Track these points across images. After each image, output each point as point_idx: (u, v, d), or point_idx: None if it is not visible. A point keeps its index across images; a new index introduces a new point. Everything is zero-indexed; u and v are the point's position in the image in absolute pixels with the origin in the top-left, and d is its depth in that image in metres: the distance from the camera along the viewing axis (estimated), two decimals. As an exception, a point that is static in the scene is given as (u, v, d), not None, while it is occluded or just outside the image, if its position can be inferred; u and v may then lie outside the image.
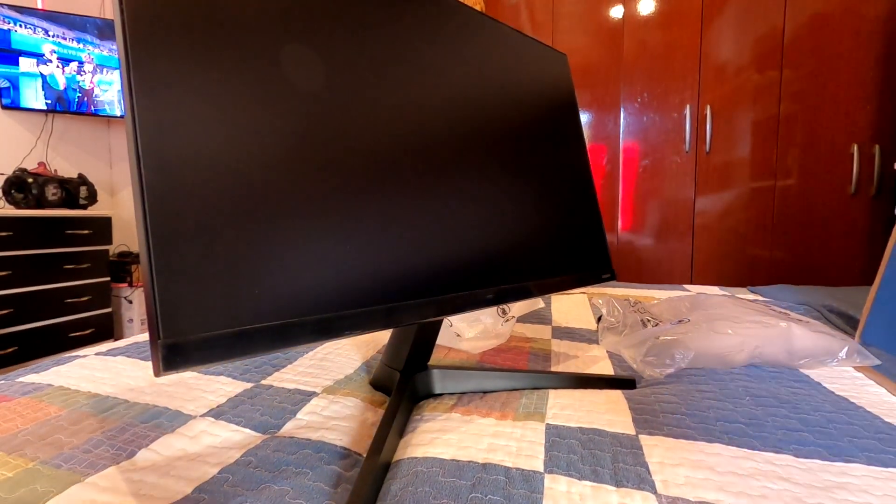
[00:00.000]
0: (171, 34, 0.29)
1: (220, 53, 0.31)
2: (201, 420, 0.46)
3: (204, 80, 0.30)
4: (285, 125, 0.34)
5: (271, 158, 0.33)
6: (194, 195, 0.28)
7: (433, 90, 0.46)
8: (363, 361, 0.64)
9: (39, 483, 0.35)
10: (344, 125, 0.38)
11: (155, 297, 0.26)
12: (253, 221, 0.31)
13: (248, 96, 0.32)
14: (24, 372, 0.58)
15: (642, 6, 2.17)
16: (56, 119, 2.44)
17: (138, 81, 0.27)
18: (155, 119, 0.28)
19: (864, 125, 1.98)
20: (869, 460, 0.41)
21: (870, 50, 1.96)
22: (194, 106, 0.29)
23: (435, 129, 0.46)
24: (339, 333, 0.34)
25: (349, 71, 0.39)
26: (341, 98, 0.38)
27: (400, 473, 0.38)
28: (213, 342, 0.28)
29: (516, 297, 0.50)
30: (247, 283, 0.30)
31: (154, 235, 0.26)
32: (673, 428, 0.46)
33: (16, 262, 1.90)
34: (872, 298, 0.73)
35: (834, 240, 2.04)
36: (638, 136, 2.22)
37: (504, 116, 0.55)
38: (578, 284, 0.60)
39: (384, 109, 0.41)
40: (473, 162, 0.49)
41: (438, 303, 0.42)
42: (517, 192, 0.54)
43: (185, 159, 0.28)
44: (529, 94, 0.60)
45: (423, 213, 0.42)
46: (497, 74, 0.55)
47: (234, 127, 0.31)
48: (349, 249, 0.36)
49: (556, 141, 0.63)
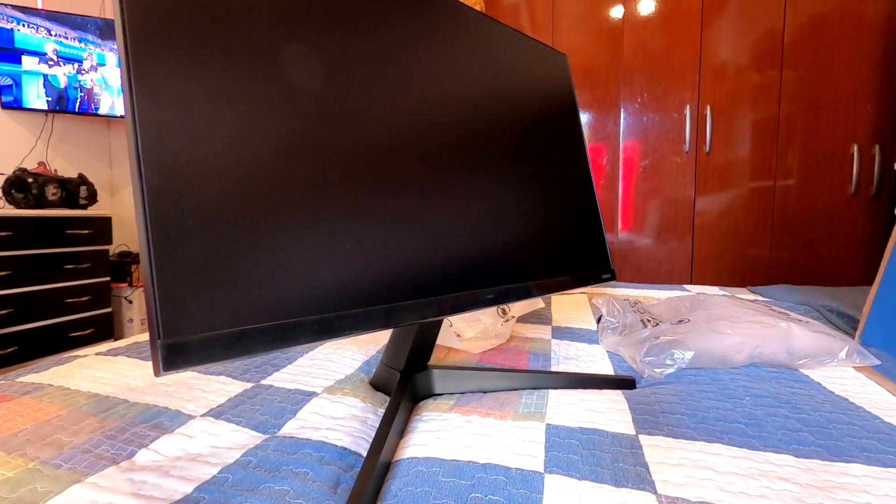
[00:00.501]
0: (170, 34, 0.29)
1: (220, 53, 0.31)
2: (201, 420, 0.46)
3: (204, 79, 0.30)
4: (284, 126, 0.34)
5: (271, 159, 0.33)
6: (194, 195, 0.28)
7: (434, 90, 0.46)
8: (363, 361, 0.64)
9: (39, 483, 0.35)
10: (343, 126, 0.38)
11: (155, 297, 0.26)
12: (253, 222, 0.31)
13: (247, 96, 0.32)
14: (24, 372, 0.58)
15: (642, 6, 2.17)
16: (56, 119, 2.44)
17: (138, 81, 0.27)
18: (155, 119, 0.28)
19: (864, 125, 1.98)
20: (869, 460, 0.41)
21: (870, 50, 1.96)
22: (194, 106, 0.29)
23: (435, 129, 0.46)
24: (339, 333, 0.34)
25: (349, 71, 0.39)
26: (341, 98, 0.38)
27: (400, 473, 0.38)
28: (212, 342, 0.28)
29: (517, 297, 0.50)
30: (247, 283, 0.30)
31: (154, 235, 0.26)
32: (673, 428, 0.46)
33: (16, 262, 1.90)
34: (872, 298, 0.73)
35: (834, 240, 2.04)
36: (638, 136, 2.22)
37: (504, 116, 0.55)
38: (578, 284, 0.60)
39: (384, 110, 0.41)
40: (473, 162, 0.49)
41: (438, 303, 0.42)
42: (517, 192, 0.54)
43: (185, 159, 0.28)
44: (530, 95, 0.60)
45: (422, 214, 0.42)
46: (497, 74, 0.55)
47: (234, 127, 0.31)
48: (349, 250, 0.36)
49: (556, 141, 0.63)
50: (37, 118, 2.37)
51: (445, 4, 0.50)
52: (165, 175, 0.27)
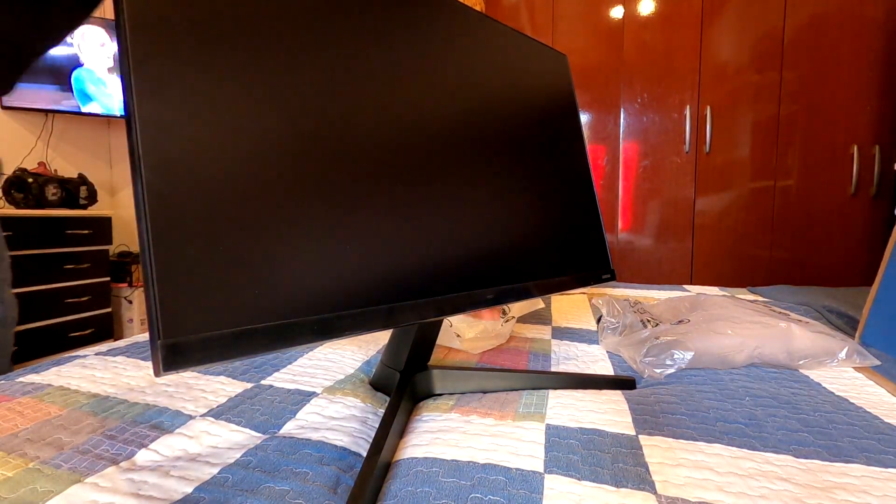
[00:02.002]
0: (171, 33, 0.29)
1: (221, 52, 0.31)
2: (201, 420, 0.46)
3: (204, 79, 0.30)
4: (285, 126, 0.34)
5: (271, 158, 0.33)
6: (195, 195, 0.28)
7: (434, 90, 0.46)
8: (363, 361, 0.64)
9: (39, 483, 0.35)
10: (344, 126, 0.38)
11: (155, 297, 0.26)
12: (253, 221, 0.31)
13: (247, 96, 0.32)
14: (24, 372, 0.58)
15: (642, 6, 2.18)
16: (56, 119, 2.44)
17: (139, 81, 0.27)
18: (155, 118, 0.28)
19: (864, 125, 1.98)
20: (868, 461, 0.41)
21: (870, 50, 1.96)
22: (194, 105, 0.29)
23: (434, 129, 0.46)
24: (339, 333, 0.34)
25: (350, 71, 0.39)
26: (342, 99, 0.38)
27: (400, 474, 0.38)
28: (213, 342, 0.28)
29: (516, 297, 0.50)
30: (247, 282, 0.30)
31: (154, 235, 0.26)
32: (673, 428, 0.46)
33: (16, 262, 1.89)
34: (872, 299, 0.73)
35: (834, 240, 2.04)
36: (638, 136, 2.22)
37: (504, 116, 0.55)
38: (578, 285, 0.60)
39: (383, 110, 0.41)
40: (473, 162, 0.49)
41: (438, 303, 0.42)
42: (517, 193, 0.54)
43: (185, 159, 0.28)
44: (529, 94, 0.60)
45: (422, 213, 0.42)
46: (497, 74, 0.55)
47: (234, 126, 0.31)
48: (349, 250, 0.36)
49: (556, 141, 0.63)
50: (37, 118, 2.37)
51: (445, 4, 0.50)
52: (166, 175, 0.27)
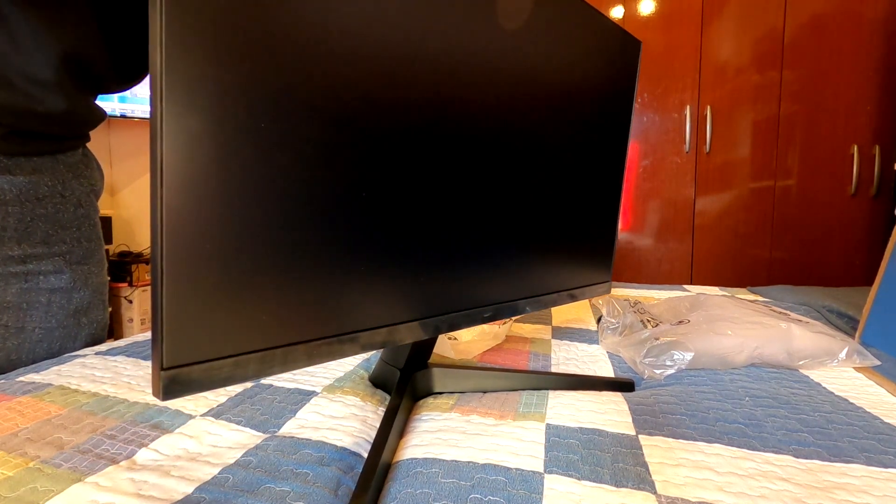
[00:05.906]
0: (212, 35, 0.25)
1: (259, 63, 0.27)
2: (201, 420, 0.46)
3: (234, 93, 0.27)
4: (302, 155, 0.30)
5: (292, 186, 0.30)
6: (213, 219, 0.27)
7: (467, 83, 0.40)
8: (363, 358, 0.64)
9: (40, 482, 0.35)
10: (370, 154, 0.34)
11: (162, 326, 0.25)
12: (270, 249, 0.29)
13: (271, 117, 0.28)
14: (24, 371, 0.58)
15: (642, 6, 2.17)
16: (56, 118, 2.43)
17: (170, 91, 0.24)
18: (182, 133, 0.25)
19: (864, 125, 1.98)
20: (868, 461, 0.41)
21: (870, 50, 1.96)
22: (224, 121, 0.26)
23: (462, 129, 0.41)
24: (333, 357, 0.34)
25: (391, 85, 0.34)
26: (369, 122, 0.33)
27: (400, 475, 0.38)
28: (214, 370, 0.27)
29: (512, 313, 0.51)
30: (257, 309, 0.29)
31: (168, 263, 0.25)
32: (673, 428, 0.46)
33: (16, 262, 1.90)
34: (872, 299, 0.73)
35: (834, 240, 2.04)
36: (638, 136, 2.22)
37: (548, 111, 0.48)
38: (578, 298, 0.61)
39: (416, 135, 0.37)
40: (492, 176, 0.44)
41: (436, 323, 0.42)
42: (537, 207, 0.50)
43: (207, 181, 0.26)
44: (588, 88, 0.52)
45: (429, 239, 0.41)
46: (558, 59, 0.47)
47: (261, 151, 0.28)
48: (354, 276, 0.35)
49: (599, 142, 0.56)
50: (37, 118, 2.36)
51: None
52: (185, 199, 0.25)
